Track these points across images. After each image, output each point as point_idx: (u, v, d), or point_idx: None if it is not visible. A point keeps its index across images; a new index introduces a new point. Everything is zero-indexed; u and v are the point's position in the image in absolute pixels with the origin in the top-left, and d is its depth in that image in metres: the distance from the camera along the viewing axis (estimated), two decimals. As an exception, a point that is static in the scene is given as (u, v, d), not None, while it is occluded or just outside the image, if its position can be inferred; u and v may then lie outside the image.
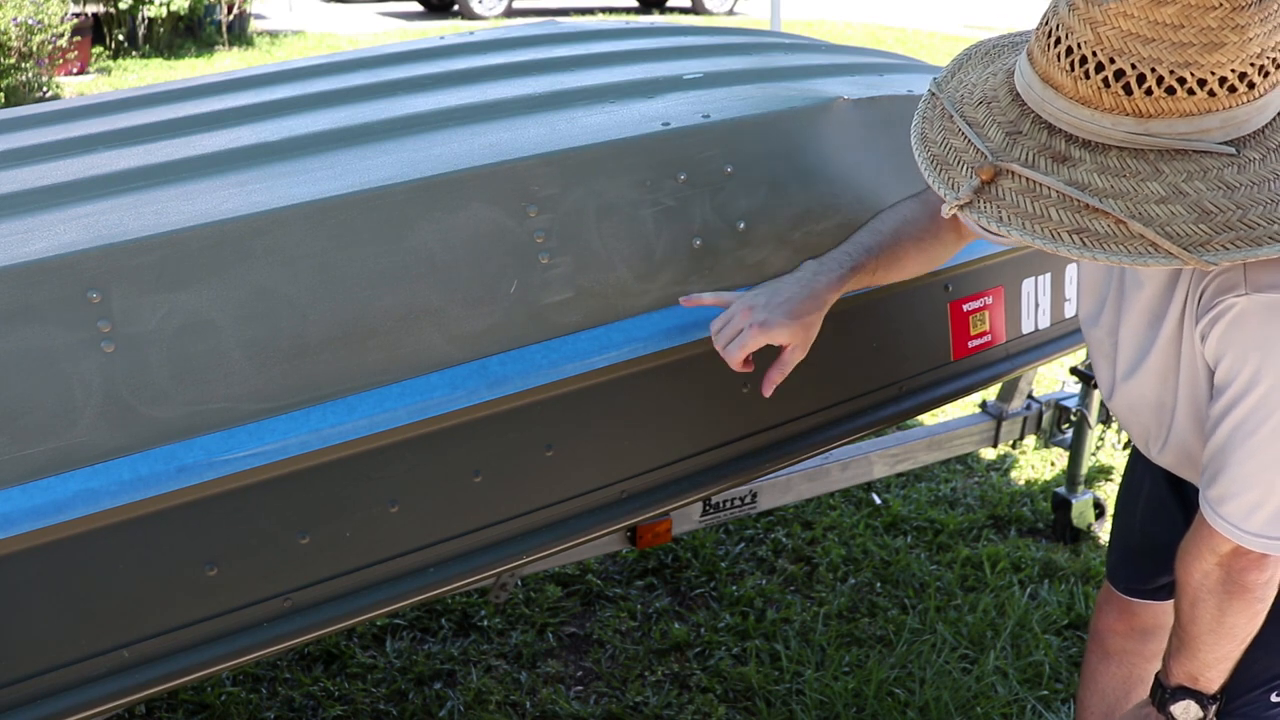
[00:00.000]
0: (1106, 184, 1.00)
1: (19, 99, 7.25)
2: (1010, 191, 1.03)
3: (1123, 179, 1.00)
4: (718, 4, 14.17)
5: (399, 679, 2.32)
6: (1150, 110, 1.00)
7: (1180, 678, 1.34)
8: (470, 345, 1.39)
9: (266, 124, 1.72)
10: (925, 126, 1.17)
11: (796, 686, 2.30)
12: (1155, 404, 1.35)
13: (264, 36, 11.62)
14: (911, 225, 1.50)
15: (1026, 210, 1.01)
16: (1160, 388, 1.33)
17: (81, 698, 1.23)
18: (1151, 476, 1.60)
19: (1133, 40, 0.99)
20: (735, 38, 2.42)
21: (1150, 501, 1.62)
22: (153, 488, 1.22)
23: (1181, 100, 0.99)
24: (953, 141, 1.12)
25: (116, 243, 1.23)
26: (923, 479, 3.17)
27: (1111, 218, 0.99)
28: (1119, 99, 1.00)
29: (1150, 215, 0.99)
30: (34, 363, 1.18)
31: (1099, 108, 1.01)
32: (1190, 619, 1.30)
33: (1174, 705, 1.34)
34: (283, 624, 1.33)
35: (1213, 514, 1.23)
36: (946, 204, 1.07)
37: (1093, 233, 0.99)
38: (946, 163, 1.10)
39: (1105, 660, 1.70)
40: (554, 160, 1.44)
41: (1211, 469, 1.23)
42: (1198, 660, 1.32)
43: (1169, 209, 0.99)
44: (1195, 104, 0.99)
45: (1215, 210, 1.00)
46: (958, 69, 1.23)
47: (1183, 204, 1.00)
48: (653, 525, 2.03)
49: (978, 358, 1.90)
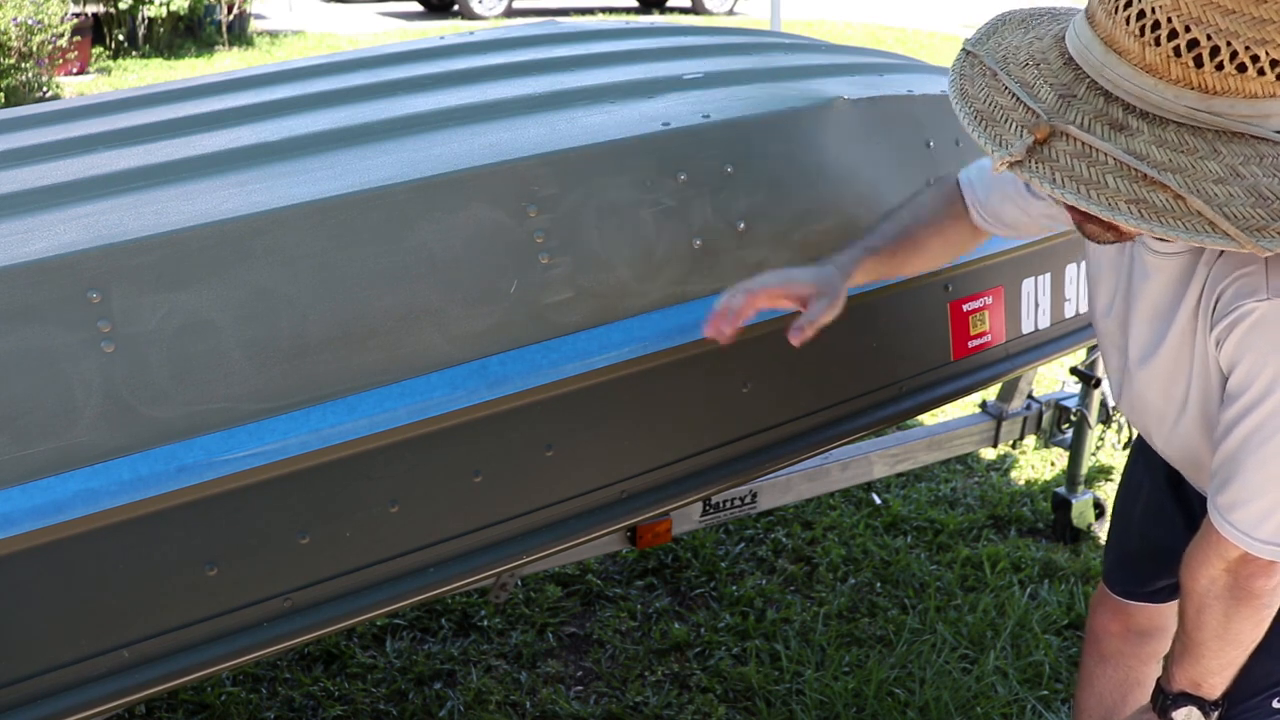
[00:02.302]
0: (1164, 157, 0.98)
1: (19, 99, 7.25)
2: (1064, 154, 1.00)
3: (1180, 154, 0.98)
4: (718, 4, 14.16)
5: (399, 679, 2.32)
6: (1217, 86, 0.97)
7: (1183, 683, 1.33)
8: (470, 345, 1.39)
9: (266, 124, 1.72)
10: (964, 84, 1.12)
11: (796, 686, 2.30)
12: (1163, 398, 1.33)
13: (264, 36, 11.62)
14: (931, 213, 1.49)
15: (1082, 175, 0.98)
16: (1169, 383, 1.31)
17: (81, 698, 1.23)
18: (1151, 479, 1.60)
19: (1212, 10, 0.96)
20: (735, 38, 2.42)
21: (1149, 505, 1.61)
22: (153, 488, 1.22)
23: (1250, 80, 0.97)
24: (998, 99, 1.07)
25: (116, 243, 1.23)
26: (923, 479, 3.17)
27: (1170, 191, 0.96)
28: (1187, 70, 0.97)
29: (1209, 193, 0.96)
30: (34, 363, 1.18)
31: (1164, 78, 0.98)
32: (1196, 625, 1.29)
33: (1176, 711, 1.34)
34: (283, 624, 1.33)
35: (1221, 521, 1.22)
36: (996, 161, 1.03)
37: (1150, 205, 0.96)
38: (993, 119, 1.06)
39: (1102, 663, 1.69)
40: (554, 160, 1.44)
41: (1222, 475, 1.22)
42: (1201, 666, 1.31)
43: (1227, 189, 0.97)
44: (1263, 85, 0.97)
45: (1273, 197, 0.98)
46: (993, 32, 1.18)
47: (1240, 186, 0.97)
48: (653, 525, 2.03)
49: (978, 358, 1.90)
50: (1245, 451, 1.17)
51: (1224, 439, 1.20)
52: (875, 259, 1.45)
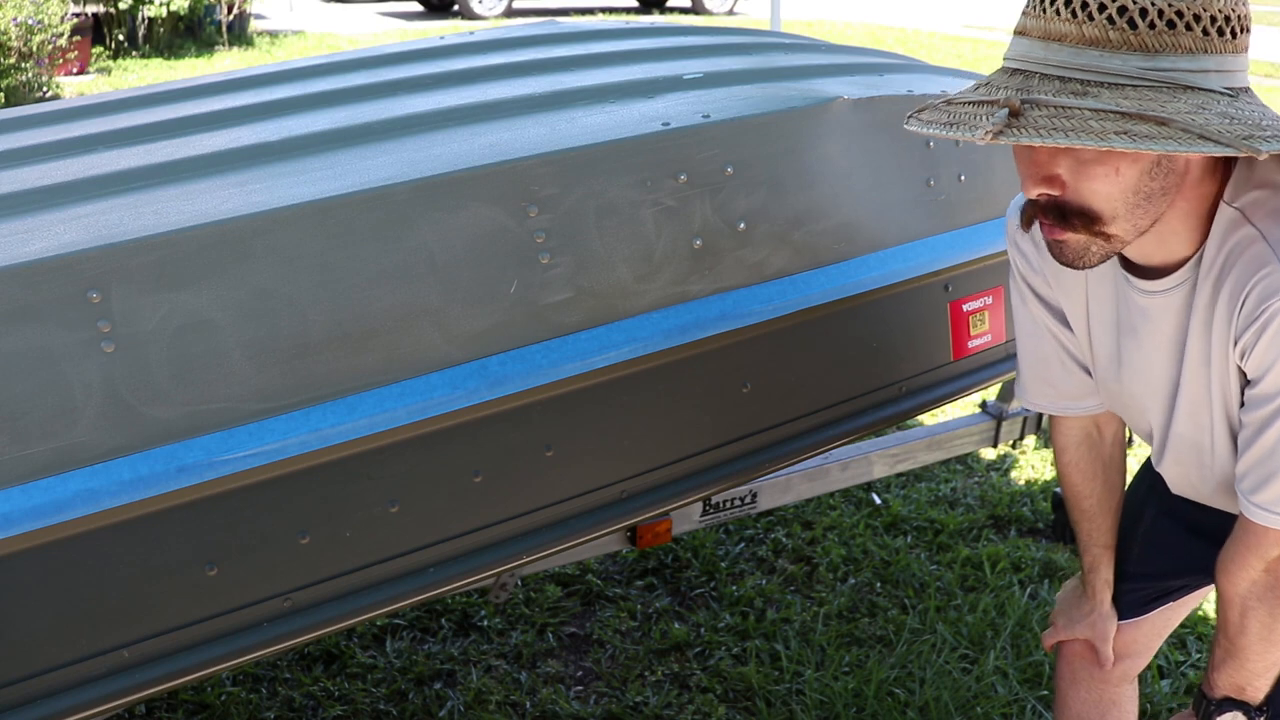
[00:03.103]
0: (1135, 105, 1.03)
1: (19, 99, 7.25)
2: (1042, 117, 1.05)
3: (1146, 104, 1.03)
4: (718, 4, 14.17)
5: (399, 679, 2.32)
6: (1155, 44, 1.04)
7: (1226, 689, 1.33)
8: (470, 345, 1.39)
9: (266, 124, 1.72)
10: (923, 121, 1.16)
11: (796, 686, 2.30)
12: (1196, 429, 1.33)
13: (264, 36, 11.62)
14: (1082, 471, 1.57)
15: (1064, 126, 1.03)
16: (1196, 411, 1.31)
17: (81, 698, 1.23)
18: (1155, 507, 1.59)
19: None
20: (735, 38, 2.42)
21: (1150, 533, 1.60)
22: (153, 488, 1.22)
23: (1182, 35, 1.04)
24: (960, 111, 1.12)
25: (116, 243, 1.23)
26: (923, 479, 3.17)
27: (1152, 119, 1.01)
28: (1125, 34, 1.04)
29: (1187, 120, 1.02)
30: (34, 363, 1.18)
31: (1107, 46, 1.05)
32: (1240, 629, 1.29)
33: (1221, 717, 1.34)
34: (283, 624, 1.33)
35: (1267, 515, 1.22)
36: (977, 137, 1.07)
37: (1137, 132, 1.01)
38: (963, 123, 1.10)
39: (1075, 685, 1.68)
40: (554, 160, 1.44)
41: (1260, 473, 1.21)
42: (1246, 670, 1.31)
43: (1200, 117, 1.02)
44: (1193, 40, 1.04)
45: (1241, 118, 1.04)
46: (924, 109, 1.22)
47: (1209, 113, 1.03)
48: (653, 525, 2.03)
49: (978, 358, 1.90)
50: None
51: (1257, 437, 1.20)
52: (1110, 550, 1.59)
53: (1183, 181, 1.14)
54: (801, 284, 1.63)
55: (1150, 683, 2.29)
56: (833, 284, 1.66)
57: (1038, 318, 1.45)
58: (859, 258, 1.70)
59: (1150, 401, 1.37)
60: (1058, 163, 1.10)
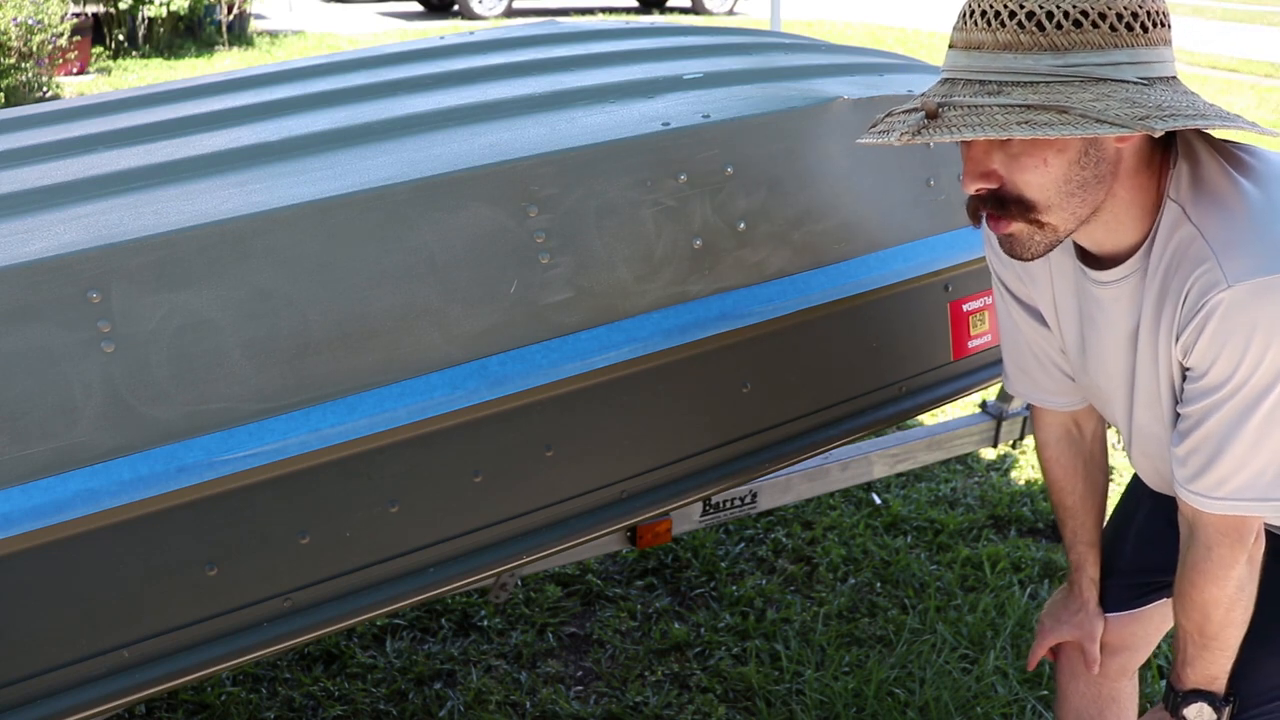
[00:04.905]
0: (1041, 99, 1.10)
1: (19, 99, 7.25)
2: (955, 116, 1.13)
3: (1052, 97, 1.10)
4: (718, 4, 14.16)
5: (399, 679, 2.32)
6: (1064, 43, 1.11)
7: (1197, 681, 1.34)
8: (470, 345, 1.39)
9: (266, 124, 1.72)
10: (865, 138, 1.24)
11: (796, 686, 2.30)
12: (1160, 424, 1.35)
13: (264, 36, 11.62)
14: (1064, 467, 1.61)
15: (973, 123, 1.12)
16: (1152, 418, 1.34)
17: (81, 698, 1.23)
18: (1151, 504, 1.59)
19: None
20: (735, 38, 2.42)
21: (1145, 529, 1.61)
22: (153, 488, 1.22)
23: (1088, 32, 1.11)
24: (895, 121, 1.21)
25: (116, 243, 1.23)
26: (923, 479, 3.17)
27: (1052, 109, 1.09)
28: (1035, 36, 1.11)
29: (1087, 106, 1.09)
30: (34, 363, 1.18)
31: (1020, 49, 1.12)
32: (1223, 624, 1.30)
33: (1188, 708, 1.35)
34: (283, 624, 1.33)
35: (1215, 502, 1.24)
36: (894, 138, 1.16)
37: (1037, 121, 1.09)
38: (893, 129, 1.19)
39: (1074, 679, 1.69)
40: (554, 160, 1.44)
41: (1200, 458, 1.24)
42: (1223, 660, 1.33)
43: (1102, 104, 1.10)
44: (1100, 36, 1.11)
45: (1144, 103, 1.11)
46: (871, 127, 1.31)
47: (1113, 99, 1.10)
48: (653, 525, 2.03)
49: (978, 358, 1.90)
50: (1232, 430, 1.21)
51: (1200, 425, 1.23)
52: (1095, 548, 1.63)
53: (1116, 170, 1.19)
54: (801, 284, 1.63)
55: (1150, 682, 2.29)
56: (833, 284, 1.66)
57: (1012, 314, 1.50)
58: (859, 258, 1.70)
59: (1113, 393, 1.40)
60: (991, 158, 1.16)
